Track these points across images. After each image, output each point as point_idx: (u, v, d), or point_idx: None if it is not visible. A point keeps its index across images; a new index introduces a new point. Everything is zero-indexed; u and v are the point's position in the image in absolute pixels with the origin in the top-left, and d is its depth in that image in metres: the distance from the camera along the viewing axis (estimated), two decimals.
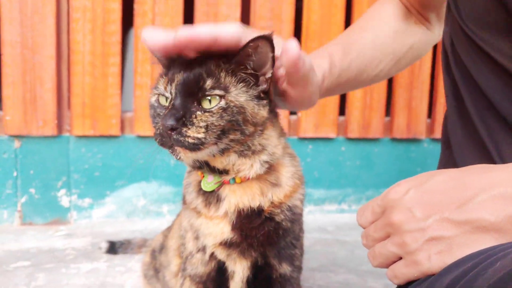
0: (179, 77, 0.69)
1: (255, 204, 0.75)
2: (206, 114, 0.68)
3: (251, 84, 0.72)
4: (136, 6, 1.81)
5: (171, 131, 0.66)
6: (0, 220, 1.77)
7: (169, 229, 1.14)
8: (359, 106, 2.13)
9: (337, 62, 0.91)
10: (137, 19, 1.81)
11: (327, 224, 1.99)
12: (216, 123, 0.68)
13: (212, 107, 0.68)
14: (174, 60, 0.72)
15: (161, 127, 0.67)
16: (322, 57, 0.91)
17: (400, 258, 0.59)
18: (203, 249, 0.81)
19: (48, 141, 1.78)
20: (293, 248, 0.81)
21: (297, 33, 2.05)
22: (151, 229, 1.82)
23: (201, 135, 0.67)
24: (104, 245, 1.53)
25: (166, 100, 0.70)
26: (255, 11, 1.94)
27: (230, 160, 0.73)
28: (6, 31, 1.69)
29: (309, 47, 2.01)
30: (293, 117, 2.07)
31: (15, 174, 1.77)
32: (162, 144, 0.69)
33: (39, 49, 1.72)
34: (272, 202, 0.77)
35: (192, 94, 0.68)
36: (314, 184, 2.12)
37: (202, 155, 0.70)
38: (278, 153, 0.77)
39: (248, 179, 0.75)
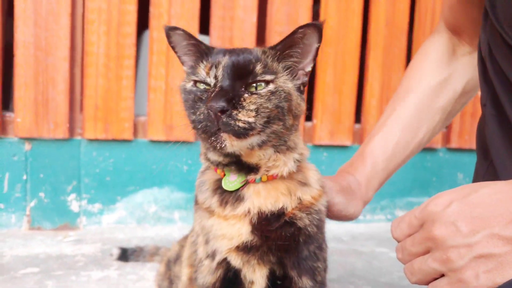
0: (225, 60, 0.67)
1: (277, 206, 0.71)
2: (255, 96, 0.66)
3: (294, 75, 0.72)
4: (151, 8, 1.78)
5: (221, 113, 0.63)
6: (8, 224, 1.73)
7: (185, 238, 1.09)
8: (375, 114, 2.09)
9: (379, 160, 0.96)
10: (153, 21, 1.78)
11: (342, 234, 1.94)
12: (265, 106, 0.66)
13: (261, 90, 0.67)
14: (209, 49, 0.72)
15: (206, 111, 0.64)
16: (362, 163, 0.96)
17: (442, 275, 0.55)
18: (212, 254, 0.74)
19: (59, 144, 1.75)
20: (315, 260, 0.75)
21: None
22: (162, 236, 1.77)
23: (251, 119, 0.64)
24: (116, 252, 1.48)
25: (207, 86, 0.69)
26: (272, 15, 1.91)
27: (266, 155, 0.70)
28: (19, 32, 1.66)
29: (325, 52, 1.98)
30: (308, 124, 2.03)
31: (24, 177, 1.73)
32: (205, 130, 0.66)
33: (53, 50, 1.69)
34: (300, 202, 0.72)
35: (241, 77, 0.67)
36: None
37: (246, 144, 0.67)
38: (306, 154, 0.76)
39: (275, 177, 0.72)
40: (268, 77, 0.67)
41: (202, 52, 0.73)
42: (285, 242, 0.71)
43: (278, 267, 0.73)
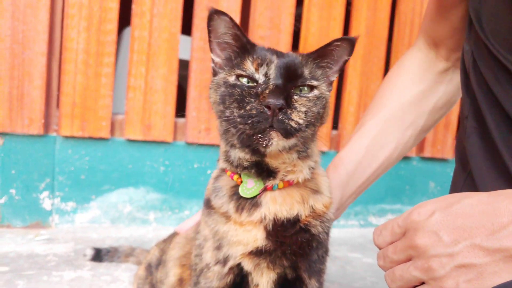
0: (277, 60, 0.68)
1: (293, 213, 0.72)
2: (304, 99, 0.68)
3: (327, 83, 0.74)
4: (134, 6, 1.76)
5: (279, 110, 0.63)
6: None
7: (165, 241, 1.08)
8: (352, 121, 2.13)
9: (350, 169, 0.95)
10: (135, 20, 1.76)
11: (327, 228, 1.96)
12: (312, 109, 0.68)
13: (308, 94, 0.69)
14: (251, 45, 0.72)
15: (259, 106, 0.63)
16: (335, 171, 0.95)
17: (423, 283, 0.56)
18: (224, 260, 0.74)
19: (33, 140, 1.70)
20: (322, 263, 0.78)
21: (295, 43, 2.04)
22: (137, 237, 1.75)
23: (301, 121, 0.66)
24: (89, 252, 1.45)
25: (252, 82, 0.69)
26: (255, 19, 1.92)
27: (290, 159, 0.72)
28: None
29: None
30: None
31: None
32: (253, 126, 0.64)
33: (30, 44, 1.65)
34: (314, 210, 0.73)
35: (292, 79, 0.68)
36: None
37: (288, 144, 0.68)
38: (319, 161, 0.78)
39: (291, 184, 0.73)
40: (315, 83, 0.70)
41: (244, 46, 0.72)
42: (300, 247, 0.73)
43: (290, 270, 0.74)
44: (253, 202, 0.73)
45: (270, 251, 0.72)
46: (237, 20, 1.87)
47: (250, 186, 0.73)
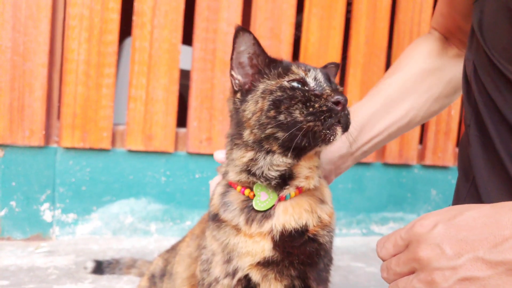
0: (317, 70, 0.75)
1: (301, 222, 0.72)
2: None
3: None
4: (135, 18, 1.76)
5: (344, 105, 0.68)
6: None
7: (169, 252, 1.07)
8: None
9: (358, 118, 0.93)
10: (136, 31, 1.76)
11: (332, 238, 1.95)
12: None
13: None
14: (276, 60, 0.77)
15: (328, 103, 0.67)
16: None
17: None
18: (233, 273, 0.74)
19: (34, 151, 1.70)
20: (327, 271, 0.79)
21: (296, 53, 2.04)
22: (139, 248, 1.74)
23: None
24: (90, 265, 1.44)
25: (303, 86, 0.73)
26: (255, 29, 1.92)
27: (315, 163, 0.76)
28: None
29: None
30: None
31: None
32: (324, 122, 0.67)
33: (31, 56, 1.65)
34: (321, 220, 0.74)
35: (331, 84, 0.75)
36: None
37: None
38: (322, 171, 0.80)
39: (300, 192, 0.74)
40: (341, 88, 0.75)
41: (272, 59, 0.76)
42: (309, 256, 0.73)
43: (298, 280, 0.75)
44: (265, 214, 0.73)
45: (278, 262, 0.72)
46: None
47: (264, 199, 0.73)
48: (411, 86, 0.98)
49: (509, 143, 0.70)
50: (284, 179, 0.73)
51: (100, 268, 1.44)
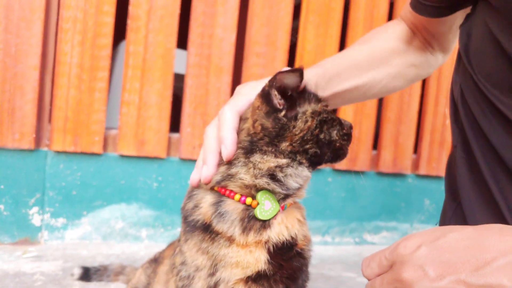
0: None
1: (293, 233, 0.74)
2: None
3: None
4: (129, 21, 1.75)
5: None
6: None
7: (150, 262, 1.05)
8: None
9: (328, 68, 0.95)
10: (130, 35, 1.75)
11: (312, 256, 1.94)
12: None
13: None
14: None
15: (348, 129, 0.79)
16: (314, 67, 0.95)
17: None
18: (214, 286, 0.70)
19: (24, 154, 1.68)
20: (304, 286, 0.79)
21: (291, 60, 2.04)
22: (129, 254, 1.72)
23: None
24: (77, 271, 1.41)
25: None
26: (251, 35, 1.92)
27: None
28: None
29: None
30: None
31: None
32: (350, 140, 0.79)
33: (23, 58, 1.63)
34: (305, 236, 0.77)
35: None
36: None
37: None
38: None
39: (292, 203, 0.78)
40: None
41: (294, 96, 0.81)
42: (295, 271, 0.73)
43: None
44: (264, 224, 0.72)
45: (269, 276, 0.70)
46: (233, 36, 1.87)
47: (267, 208, 0.72)
48: (378, 59, 1.00)
49: (495, 166, 0.71)
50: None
51: (87, 274, 1.42)
